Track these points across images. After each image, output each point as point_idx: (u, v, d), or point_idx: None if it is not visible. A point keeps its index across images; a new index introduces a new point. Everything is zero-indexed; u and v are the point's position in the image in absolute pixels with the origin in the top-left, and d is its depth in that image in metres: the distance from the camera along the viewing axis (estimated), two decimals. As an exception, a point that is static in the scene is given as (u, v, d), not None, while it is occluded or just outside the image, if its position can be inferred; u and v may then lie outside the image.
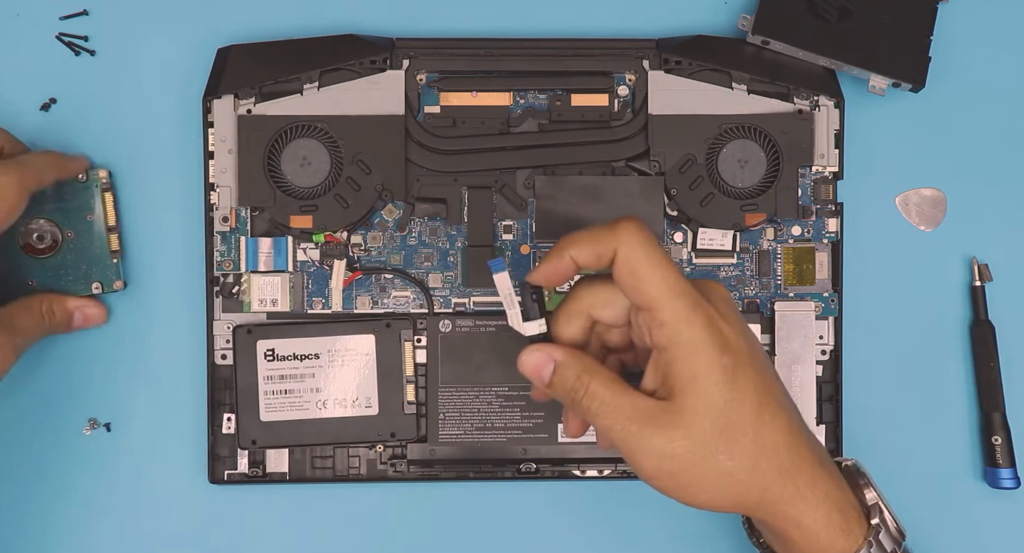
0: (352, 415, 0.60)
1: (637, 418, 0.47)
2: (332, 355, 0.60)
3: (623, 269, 0.48)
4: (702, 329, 0.47)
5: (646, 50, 0.62)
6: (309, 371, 0.60)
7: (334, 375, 0.60)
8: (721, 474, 0.47)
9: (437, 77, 0.62)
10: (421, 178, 0.62)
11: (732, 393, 0.47)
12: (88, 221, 0.62)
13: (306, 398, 0.60)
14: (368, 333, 0.60)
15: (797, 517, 0.49)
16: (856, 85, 0.62)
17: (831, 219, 0.62)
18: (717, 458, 0.47)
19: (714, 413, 0.47)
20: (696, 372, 0.47)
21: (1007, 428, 0.63)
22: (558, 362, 0.49)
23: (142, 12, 0.63)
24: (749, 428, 0.48)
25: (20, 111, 0.63)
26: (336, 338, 0.60)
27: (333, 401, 0.60)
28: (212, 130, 0.61)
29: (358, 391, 0.60)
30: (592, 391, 0.48)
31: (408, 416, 0.60)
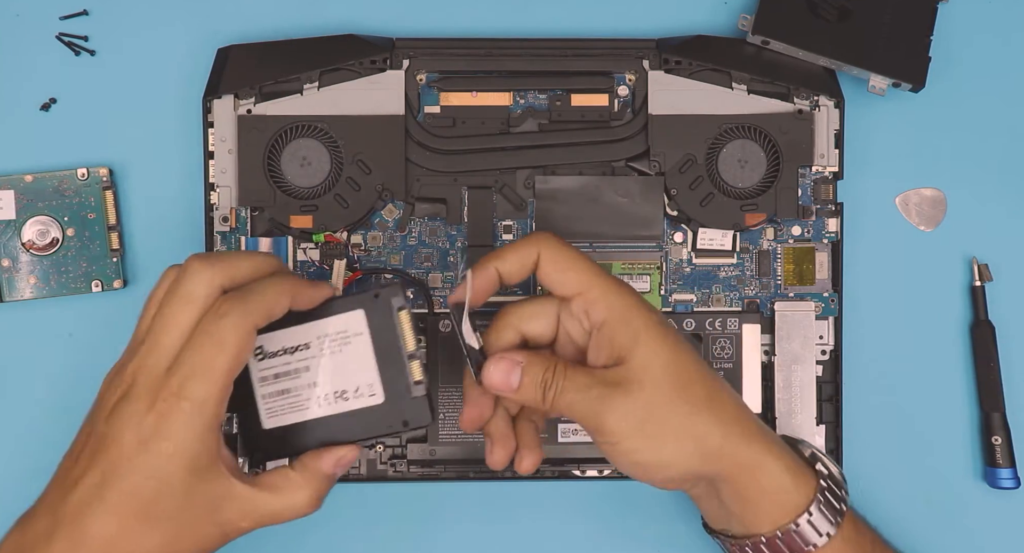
0: (358, 407, 0.52)
1: (597, 384, 0.51)
2: (323, 342, 0.53)
3: (549, 266, 0.52)
4: (630, 295, 0.52)
5: (646, 50, 0.62)
6: (303, 364, 0.53)
7: (329, 364, 0.53)
8: (683, 418, 0.50)
9: (437, 77, 0.62)
10: (421, 178, 0.62)
11: (673, 345, 0.51)
12: (89, 219, 0.62)
13: (305, 395, 0.53)
14: (357, 309, 0.53)
15: (760, 458, 0.52)
16: (856, 85, 0.62)
17: (831, 219, 0.62)
18: (676, 403, 0.50)
19: (662, 362, 0.50)
20: (636, 330, 0.51)
21: (1007, 428, 0.63)
22: (524, 362, 0.51)
23: (142, 12, 0.63)
24: (696, 376, 0.51)
25: (20, 111, 0.63)
26: (323, 321, 0.52)
27: (334, 395, 0.53)
28: (212, 130, 0.61)
29: (358, 379, 0.53)
30: (559, 373, 0.51)
31: (417, 399, 0.52)
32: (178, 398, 0.47)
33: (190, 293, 0.48)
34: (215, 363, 0.47)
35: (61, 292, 0.62)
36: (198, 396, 0.47)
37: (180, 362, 0.48)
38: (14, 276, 0.61)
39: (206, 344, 0.47)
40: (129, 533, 0.47)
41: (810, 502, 0.52)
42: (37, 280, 0.61)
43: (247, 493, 0.49)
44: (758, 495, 0.52)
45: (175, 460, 0.47)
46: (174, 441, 0.47)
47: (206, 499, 0.48)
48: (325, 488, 0.52)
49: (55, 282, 0.62)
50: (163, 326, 0.48)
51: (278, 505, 0.50)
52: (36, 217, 0.61)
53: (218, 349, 0.47)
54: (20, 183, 0.62)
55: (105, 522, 0.47)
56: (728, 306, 0.62)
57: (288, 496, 0.50)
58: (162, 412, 0.47)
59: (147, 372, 0.48)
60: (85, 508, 0.47)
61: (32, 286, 0.61)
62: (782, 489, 0.52)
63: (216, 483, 0.48)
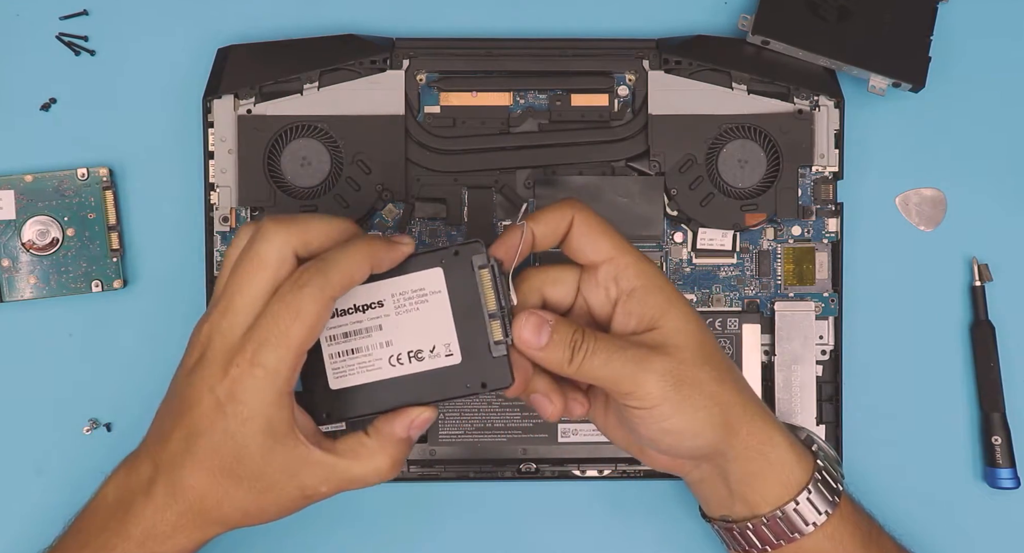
0: (433, 368, 0.51)
1: (632, 345, 0.51)
2: (398, 299, 0.51)
3: (582, 230, 0.52)
4: (656, 267, 0.53)
5: (646, 50, 0.62)
6: (375, 322, 0.51)
7: (404, 323, 0.51)
8: (714, 383, 0.51)
9: (437, 77, 0.62)
10: (421, 178, 0.62)
11: (697, 318, 0.52)
12: (89, 219, 0.62)
13: (377, 355, 0.51)
14: (435, 266, 0.51)
15: (770, 431, 0.53)
16: (856, 85, 0.62)
17: (831, 219, 0.62)
18: (706, 369, 0.51)
19: (693, 329, 0.52)
20: (670, 297, 0.52)
21: (1007, 428, 0.63)
22: (553, 322, 0.51)
23: (142, 12, 0.63)
24: (716, 350, 0.52)
25: (20, 111, 0.63)
26: (398, 279, 0.51)
27: (408, 354, 0.51)
28: (212, 130, 0.61)
29: (434, 338, 0.51)
30: (588, 336, 0.51)
31: (498, 359, 0.50)
32: (251, 364, 0.48)
33: (263, 256, 0.49)
34: (290, 332, 0.47)
35: (61, 292, 0.62)
36: (271, 364, 0.48)
37: (256, 327, 0.48)
38: (14, 276, 0.61)
39: (283, 313, 0.48)
40: (218, 486, 0.49)
41: (809, 479, 0.53)
42: (37, 280, 0.62)
43: (325, 460, 0.50)
44: (766, 469, 0.53)
45: (250, 424, 0.48)
46: (248, 406, 0.48)
47: (284, 463, 0.49)
48: (402, 452, 0.52)
49: (55, 282, 0.62)
50: (237, 288, 0.49)
51: (356, 471, 0.51)
52: (36, 217, 0.61)
53: (294, 318, 0.47)
54: (20, 183, 0.62)
55: (197, 474, 0.49)
56: (728, 306, 0.62)
57: (365, 463, 0.51)
58: (235, 377, 0.48)
59: (222, 335, 0.49)
60: (178, 460, 0.49)
61: (32, 286, 0.62)
62: (787, 464, 0.53)
63: (294, 449, 0.49)
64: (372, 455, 0.51)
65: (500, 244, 0.51)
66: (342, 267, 0.48)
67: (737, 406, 0.52)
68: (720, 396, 0.51)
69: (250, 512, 0.51)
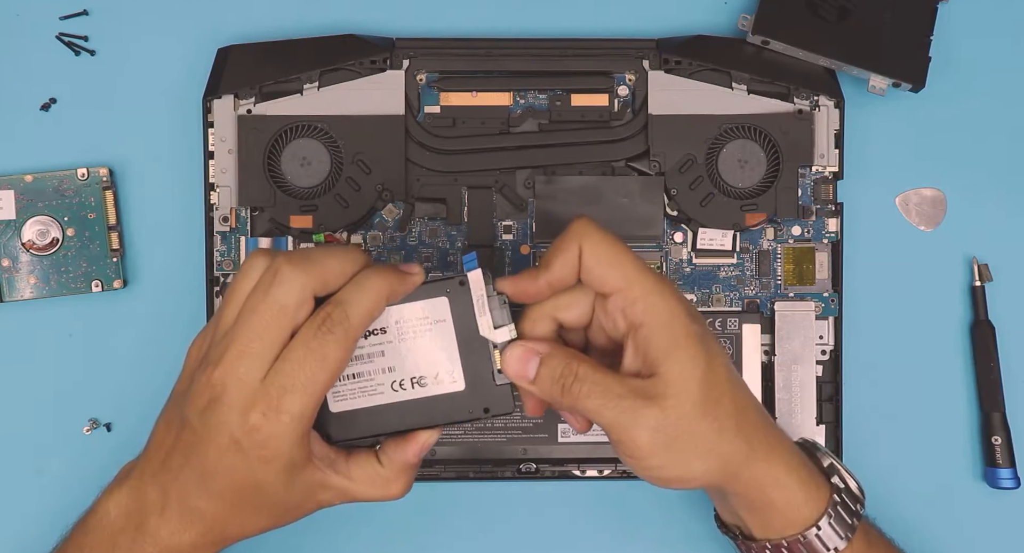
0: (436, 394, 0.51)
1: (628, 394, 0.49)
2: (402, 326, 0.51)
3: (590, 261, 0.49)
4: (672, 298, 0.49)
5: (646, 50, 0.62)
6: (377, 349, 0.51)
7: (407, 350, 0.51)
8: (712, 436, 0.49)
9: (437, 77, 0.62)
10: (421, 178, 0.62)
11: (708, 358, 0.49)
12: (89, 219, 0.62)
13: (379, 380, 0.51)
14: (440, 295, 0.51)
15: (775, 474, 0.51)
16: (856, 85, 0.62)
17: (831, 219, 0.62)
18: (706, 420, 0.49)
19: (698, 376, 0.49)
20: (675, 339, 0.49)
21: (1007, 428, 0.63)
22: (544, 355, 0.50)
23: (142, 12, 0.63)
24: (726, 389, 0.50)
25: (20, 111, 0.63)
26: (403, 306, 0.51)
27: (411, 380, 0.51)
28: (212, 130, 0.61)
29: (438, 365, 0.51)
30: (582, 375, 0.49)
31: (501, 387, 0.51)
32: (277, 412, 0.47)
33: (284, 303, 0.48)
34: (316, 379, 0.47)
35: (61, 292, 0.62)
36: (296, 410, 0.47)
37: (279, 373, 0.47)
38: (14, 276, 0.61)
39: (309, 360, 0.47)
40: (235, 515, 0.50)
41: (820, 516, 0.51)
42: (37, 280, 0.62)
43: (341, 484, 0.51)
44: (768, 508, 0.52)
45: (272, 465, 0.48)
46: (271, 449, 0.48)
47: (303, 489, 0.50)
48: (413, 474, 0.52)
49: (55, 282, 0.62)
50: (255, 333, 0.48)
51: (370, 495, 0.52)
52: (36, 217, 0.61)
53: (321, 366, 0.47)
54: (20, 183, 0.62)
55: (215, 504, 0.49)
56: (728, 306, 0.62)
57: (379, 490, 0.52)
58: (257, 425, 0.47)
59: (239, 381, 0.48)
60: (192, 491, 0.49)
61: (32, 286, 0.62)
62: (792, 504, 0.51)
63: (311, 477, 0.50)
64: (387, 484, 0.52)
65: (509, 281, 0.51)
66: (363, 309, 0.49)
67: (738, 454, 0.50)
68: (719, 447, 0.49)
69: (268, 528, 0.51)
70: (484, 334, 0.50)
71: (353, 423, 0.52)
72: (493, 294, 0.50)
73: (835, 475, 0.53)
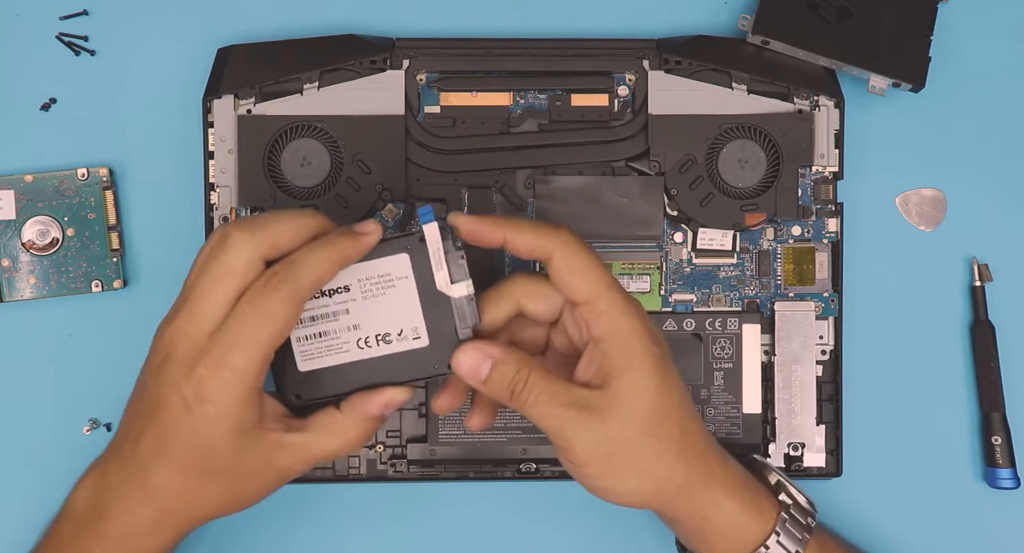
0: (401, 350, 0.52)
1: (574, 404, 0.50)
2: (364, 284, 0.52)
3: (562, 265, 0.50)
4: (637, 319, 0.51)
5: (646, 50, 0.62)
6: (342, 307, 0.52)
7: (371, 307, 0.52)
8: (651, 457, 0.50)
9: (437, 77, 0.62)
10: (421, 178, 0.62)
11: (662, 380, 0.50)
12: (89, 219, 0.62)
13: (345, 338, 0.52)
14: (401, 252, 0.52)
15: (715, 499, 0.52)
16: (856, 85, 0.62)
17: (831, 219, 0.62)
18: (648, 441, 0.50)
19: (647, 397, 0.50)
20: (632, 358, 0.50)
21: (1007, 428, 0.63)
22: (496, 359, 0.51)
23: (142, 12, 0.63)
24: (675, 414, 0.51)
25: (20, 111, 0.63)
26: (366, 264, 0.52)
27: (376, 337, 0.52)
28: (212, 130, 0.61)
29: (402, 322, 0.52)
30: (531, 383, 0.50)
31: (464, 342, 0.52)
32: (219, 367, 0.48)
33: (230, 266, 0.49)
34: (260, 336, 0.48)
35: (61, 292, 0.62)
36: (239, 365, 0.48)
37: (224, 330, 0.48)
38: (14, 276, 0.61)
39: (253, 318, 0.48)
40: (191, 484, 0.50)
41: (768, 535, 0.52)
42: (37, 280, 0.62)
43: (298, 440, 0.51)
44: (712, 534, 0.53)
45: (219, 423, 0.49)
46: (215, 405, 0.48)
47: (257, 454, 0.50)
48: (372, 429, 0.52)
49: (55, 282, 0.62)
50: (202, 295, 0.49)
51: (329, 447, 0.51)
52: (36, 217, 0.61)
53: (264, 323, 0.48)
54: (20, 183, 0.62)
55: (168, 474, 0.50)
56: (728, 306, 0.62)
57: (337, 437, 0.51)
58: (202, 378, 0.48)
59: (187, 338, 0.49)
60: (148, 461, 0.50)
61: (32, 286, 0.62)
62: (736, 527, 0.52)
63: (265, 439, 0.50)
64: (344, 431, 0.51)
65: (468, 218, 0.51)
66: (311, 270, 0.49)
67: (674, 479, 0.51)
68: (657, 469, 0.51)
69: (225, 504, 0.51)
70: (441, 289, 0.51)
71: (321, 382, 0.52)
72: (451, 248, 0.51)
73: (783, 492, 0.54)
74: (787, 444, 0.62)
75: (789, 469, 0.62)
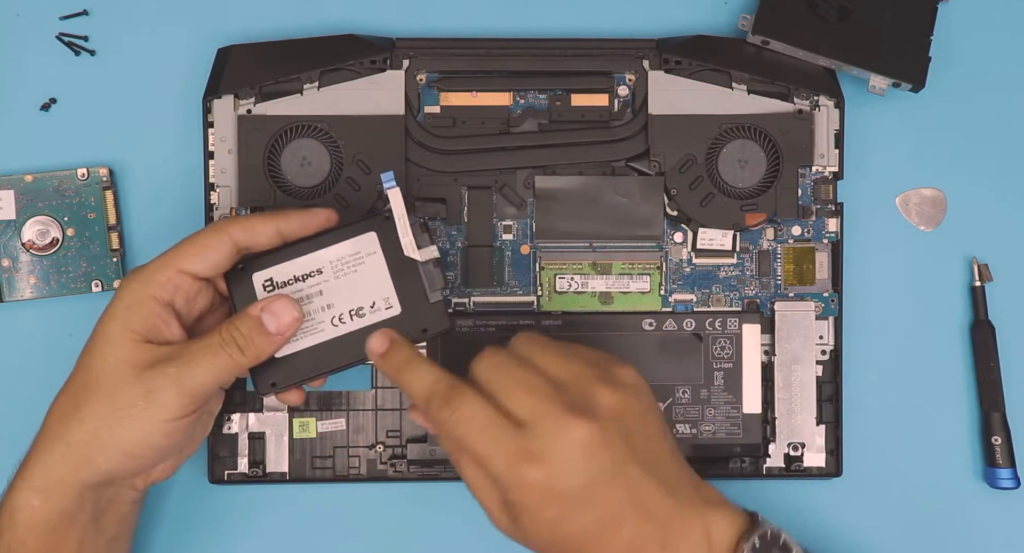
0: (375, 322, 0.54)
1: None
2: (336, 265, 0.54)
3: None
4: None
5: (646, 50, 0.62)
6: (315, 289, 0.54)
7: (343, 285, 0.54)
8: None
9: (437, 77, 0.62)
10: (421, 178, 0.62)
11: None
12: (89, 219, 0.62)
13: (319, 318, 0.54)
14: (369, 231, 0.54)
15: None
16: (856, 85, 0.62)
17: (831, 219, 0.62)
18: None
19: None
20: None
21: (1007, 428, 0.63)
22: (393, 339, 0.52)
23: (142, 12, 0.63)
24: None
25: (20, 111, 0.63)
26: (334, 247, 0.54)
27: (349, 313, 0.54)
28: (212, 130, 0.61)
29: (373, 294, 0.54)
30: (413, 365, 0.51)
31: (435, 305, 0.54)
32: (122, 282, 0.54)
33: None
34: (175, 251, 0.52)
35: (61, 292, 0.62)
36: (141, 275, 0.53)
37: (161, 255, 0.53)
38: (14, 276, 0.61)
39: (180, 244, 0.53)
40: (76, 411, 0.52)
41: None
42: (37, 280, 0.62)
43: (170, 352, 0.52)
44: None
45: (94, 347, 0.53)
46: (99, 329, 0.53)
47: (127, 367, 0.52)
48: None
49: (55, 282, 0.62)
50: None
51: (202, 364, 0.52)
52: (36, 217, 0.61)
53: (187, 243, 0.53)
54: (20, 183, 0.62)
55: (54, 414, 0.54)
56: (728, 306, 0.62)
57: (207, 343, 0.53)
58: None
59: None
60: (57, 406, 0.54)
61: (32, 286, 0.62)
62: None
63: (142, 355, 0.52)
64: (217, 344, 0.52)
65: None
66: (248, 221, 0.53)
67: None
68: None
69: (114, 446, 0.51)
70: (408, 254, 0.53)
71: (297, 366, 0.54)
72: (415, 217, 0.54)
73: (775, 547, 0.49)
74: (787, 444, 0.62)
75: (789, 469, 0.62)
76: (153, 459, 0.53)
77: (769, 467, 0.62)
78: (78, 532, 0.53)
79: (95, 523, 0.54)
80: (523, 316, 0.61)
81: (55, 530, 0.52)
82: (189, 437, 0.55)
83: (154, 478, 0.55)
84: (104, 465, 0.52)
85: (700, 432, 0.61)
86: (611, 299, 0.62)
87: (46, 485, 0.52)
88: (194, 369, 0.51)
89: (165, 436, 0.51)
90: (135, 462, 0.52)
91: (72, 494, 0.52)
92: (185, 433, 0.53)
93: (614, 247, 0.62)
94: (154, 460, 0.53)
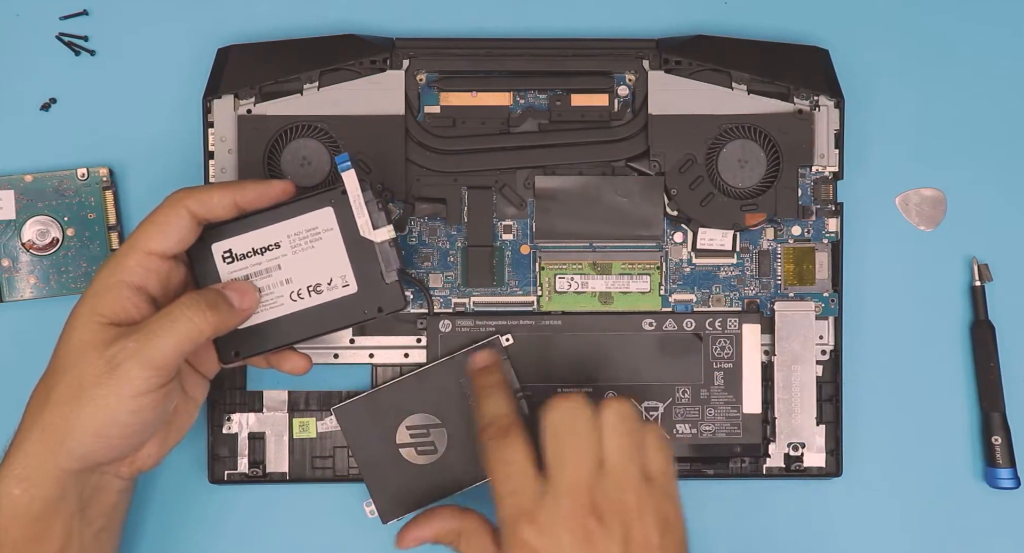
0: (332, 299, 0.55)
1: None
2: (293, 239, 0.55)
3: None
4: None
5: (646, 50, 0.62)
6: (274, 263, 0.55)
7: (301, 261, 0.55)
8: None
9: (437, 77, 0.62)
10: (421, 178, 0.62)
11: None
12: (89, 219, 0.62)
13: (278, 292, 0.55)
14: (325, 206, 0.55)
15: None
16: (856, 85, 0.62)
17: (831, 219, 0.62)
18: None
19: None
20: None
21: (1007, 428, 0.63)
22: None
23: (142, 12, 0.63)
24: None
25: (20, 111, 0.63)
26: (292, 221, 0.55)
27: (307, 289, 0.55)
28: (212, 130, 0.61)
29: (331, 271, 0.55)
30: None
31: (391, 285, 0.55)
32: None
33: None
34: (139, 233, 0.53)
35: (61, 292, 0.62)
36: (115, 259, 0.53)
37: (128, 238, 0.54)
38: (14, 276, 0.61)
39: (144, 224, 0.54)
40: (45, 404, 0.53)
41: None
42: (37, 280, 0.62)
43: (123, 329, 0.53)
44: None
45: (69, 334, 0.53)
46: (71, 320, 0.54)
47: (95, 345, 0.52)
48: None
49: (55, 282, 0.62)
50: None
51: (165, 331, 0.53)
52: (36, 217, 0.61)
53: (148, 223, 0.53)
54: (20, 183, 0.62)
55: (34, 402, 0.54)
56: (728, 306, 0.62)
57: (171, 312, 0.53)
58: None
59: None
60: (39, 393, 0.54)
61: (32, 286, 0.62)
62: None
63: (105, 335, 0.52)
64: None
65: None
66: (203, 188, 0.54)
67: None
68: None
69: (83, 426, 0.51)
70: (364, 235, 0.54)
71: (258, 336, 0.56)
72: (371, 197, 0.54)
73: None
74: (787, 444, 0.62)
75: (789, 469, 0.62)
76: (125, 439, 0.52)
77: (769, 467, 0.62)
78: (63, 522, 0.52)
79: (81, 513, 0.53)
80: (523, 316, 0.61)
81: (38, 519, 0.52)
82: (163, 418, 0.54)
83: (139, 466, 0.55)
84: (77, 448, 0.51)
85: (700, 432, 0.61)
86: (611, 299, 0.62)
87: (25, 473, 0.52)
88: (153, 340, 0.51)
89: (131, 413, 0.51)
90: (106, 442, 0.52)
91: (51, 480, 0.52)
92: (155, 411, 0.52)
93: (614, 247, 0.62)
94: (127, 440, 0.52)
